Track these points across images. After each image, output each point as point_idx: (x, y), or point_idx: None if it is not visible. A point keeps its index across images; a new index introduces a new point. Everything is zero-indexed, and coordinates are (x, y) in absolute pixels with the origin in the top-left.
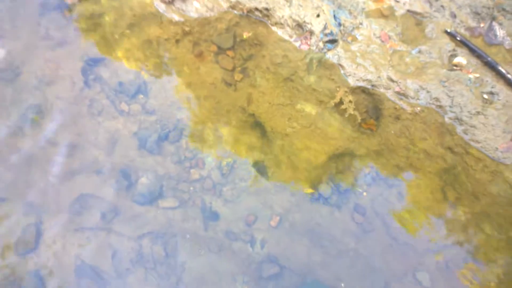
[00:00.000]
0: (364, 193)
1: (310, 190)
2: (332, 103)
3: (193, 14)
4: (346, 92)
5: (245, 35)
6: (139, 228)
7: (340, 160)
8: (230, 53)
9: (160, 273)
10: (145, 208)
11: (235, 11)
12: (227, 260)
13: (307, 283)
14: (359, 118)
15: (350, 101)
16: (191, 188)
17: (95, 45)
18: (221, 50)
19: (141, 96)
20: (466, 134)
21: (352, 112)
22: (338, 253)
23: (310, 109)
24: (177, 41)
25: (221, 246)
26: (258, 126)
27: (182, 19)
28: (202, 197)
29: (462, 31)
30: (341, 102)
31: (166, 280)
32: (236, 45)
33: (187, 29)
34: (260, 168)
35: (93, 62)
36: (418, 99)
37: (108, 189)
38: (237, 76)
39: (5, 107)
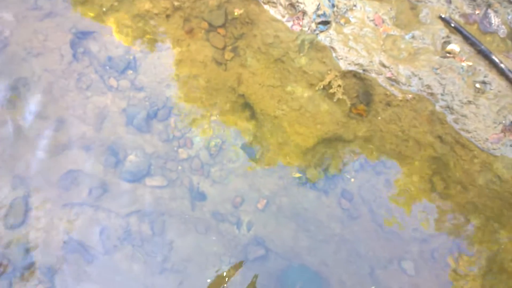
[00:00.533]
0: (352, 179)
1: (297, 174)
2: (321, 85)
3: None
4: (336, 76)
5: (236, 12)
6: (126, 205)
7: (329, 145)
8: (221, 31)
9: (147, 251)
10: (133, 186)
11: None
12: (214, 241)
13: (294, 267)
14: (348, 103)
15: (339, 85)
16: (179, 168)
17: (84, 18)
18: (212, 27)
19: (131, 72)
20: (457, 123)
21: (341, 97)
22: (324, 238)
23: (300, 91)
24: (168, 16)
25: (207, 227)
26: (247, 107)
27: None
28: (190, 177)
29: (457, 17)
30: (330, 86)
31: (153, 258)
32: (227, 23)
33: (177, 4)
34: (249, 150)
35: (82, 35)
36: (409, 85)
37: (96, 165)
38: (228, 55)
39: None
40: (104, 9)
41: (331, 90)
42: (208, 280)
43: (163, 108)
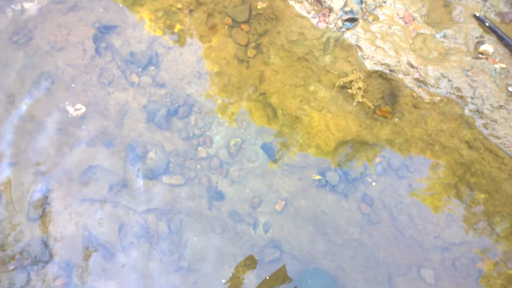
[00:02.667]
0: (373, 183)
1: (317, 177)
2: (341, 81)
3: None
4: (359, 78)
5: (260, 5)
6: (145, 203)
7: (351, 147)
8: (244, 27)
9: (163, 249)
10: (152, 183)
11: None
12: (230, 241)
13: (308, 271)
14: (370, 106)
15: (359, 88)
16: (198, 166)
17: (107, 11)
18: (235, 23)
19: (153, 68)
20: (486, 128)
21: (360, 100)
22: (342, 242)
23: (323, 91)
24: (191, 11)
25: (224, 227)
26: (268, 106)
27: None
28: (209, 176)
29: (492, 16)
30: (351, 85)
31: (169, 257)
32: (251, 19)
33: None
34: (268, 150)
35: (105, 29)
36: (438, 87)
37: (116, 161)
38: (251, 52)
39: (18, 71)
40: (128, 2)
41: (350, 91)
42: (223, 281)
43: (184, 105)
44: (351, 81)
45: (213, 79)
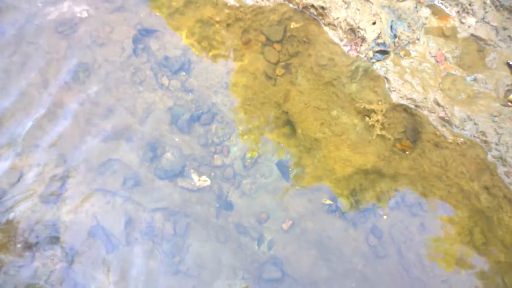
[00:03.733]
0: (384, 216)
1: (328, 201)
2: (363, 105)
3: (249, 1)
4: (381, 110)
5: (293, 25)
6: (155, 201)
7: (366, 176)
8: (277, 46)
9: (165, 250)
10: (164, 183)
11: (291, 5)
12: (232, 253)
13: None
14: (389, 138)
15: (377, 120)
16: (212, 174)
17: (150, 16)
18: (269, 41)
19: (183, 73)
20: (508, 177)
21: (379, 133)
22: (344, 271)
23: (345, 118)
24: (228, 25)
25: (228, 237)
26: (289, 125)
27: (237, 4)
28: (221, 185)
29: None
30: (369, 116)
31: (170, 258)
32: (284, 39)
33: (240, 14)
34: (283, 168)
35: (145, 32)
36: (463, 129)
37: (134, 157)
38: (279, 70)
39: (58, 59)
40: (171, 10)
41: (370, 122)
42: None
43: (207, 112)
44: (372, 111)
45: (239, 91)
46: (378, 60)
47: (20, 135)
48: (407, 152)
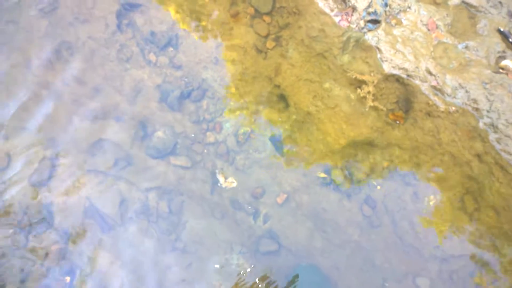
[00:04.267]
0: (378, 187)
1: (322, 174)
2: (355, 75)
3: None
4: (372, 82)
5: None
6: (148, 180)
7: (360, 148)
8: (266, 18)
9: (161, 228)
10: (156, 162)
11: None
12: (228, 228)
13: (302, 266)
14: (382, 109)
15: (368, 92)
16: (205, 151)
17: None
18: (258, 13)
19: (171, 49)
20: (499, 143)
21: (371, 104)
22: (339, 242)
23: (338, 90)
24: None
25: (224, 213)
26: (281, 99)
27: None
28: (214, 161)
29: None
30: (361, 87)
31: (166, 236)
32: (274, 11)
33: None
34: (277, 142)
35: (129, 7)
36: (454, 97)
37: (125, 137)
38: (270, 44)
39: (39, 38)
40: None
41: (362, 94)
42: (217, 266)
43: (198, 89)
44: (363, 82)
45: (229, 66)
46: (369, 30)
47: (6, 118)
48: (399, 122)
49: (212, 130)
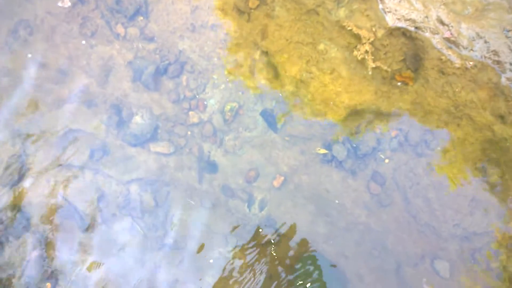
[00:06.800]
0: (386, 160)
1: (322, 150)
2: (350, 26)
3: None
4: (368, 39)
5: None
6: (128, 172)
7: (363, 117)
8: None
9: (148, 224)
10: (136, 150)
11: None
12: (221, 218)
13: (307, 256)
14: (386, 70)
15: (366, 51)
16: (189, 133)
17: None
18: None
19: (141, 18)
20: None
21: (373, 65)
22: (346, 225)
23: (334, 51)
24: None
25: (215, 202)
26: (271, 67)
27: None
28: (200, 145)
29: None
30: (357, 48)
31: (153, 232)
32: None
33: None
34: (269, 117)
35: None
36: (471, 50)
37: (98, 124)
38: (252, 2)
39: None
40: None
41: (359, 56)
42: (211, 261)
43: (175, 63)
44: (359, 38)
45: (208, 34)
46: None
47: None
48: (408, 84)
49: (195, 109)
